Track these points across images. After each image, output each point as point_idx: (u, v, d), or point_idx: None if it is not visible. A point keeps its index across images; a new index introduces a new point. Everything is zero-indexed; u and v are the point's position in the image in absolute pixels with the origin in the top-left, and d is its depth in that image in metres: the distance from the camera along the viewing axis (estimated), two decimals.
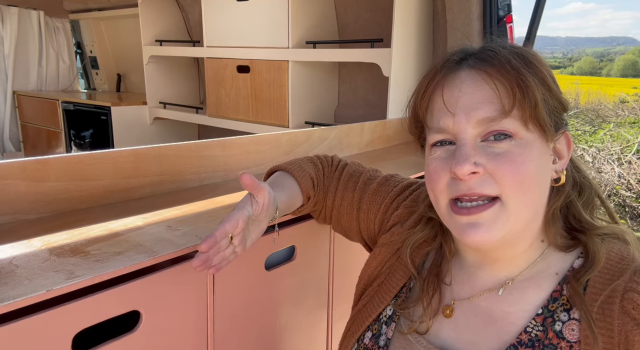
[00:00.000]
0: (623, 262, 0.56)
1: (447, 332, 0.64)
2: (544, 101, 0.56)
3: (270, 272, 0.91)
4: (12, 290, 0.57)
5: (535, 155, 0.57)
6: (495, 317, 0.61)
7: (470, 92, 0.58)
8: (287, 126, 2.24)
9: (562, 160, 0.61)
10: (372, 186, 0.85)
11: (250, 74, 2.32)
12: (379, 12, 2.14)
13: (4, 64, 3.39)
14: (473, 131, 0.57)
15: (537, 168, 0.57)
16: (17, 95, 3.47)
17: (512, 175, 0.55)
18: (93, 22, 3.78)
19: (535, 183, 0.57)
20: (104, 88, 4.01)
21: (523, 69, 0.56)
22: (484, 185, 0.56)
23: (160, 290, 0.72)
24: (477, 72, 0.58)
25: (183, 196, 1.02)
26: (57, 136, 3.23)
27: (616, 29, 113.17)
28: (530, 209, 0.58)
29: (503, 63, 0.57)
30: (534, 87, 0.55)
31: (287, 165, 0.87)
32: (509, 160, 0.56)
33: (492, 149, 0.56)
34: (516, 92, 0.55)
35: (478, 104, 0.57)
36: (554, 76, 0.59)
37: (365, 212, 0.84)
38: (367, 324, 0.72)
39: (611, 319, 0.53)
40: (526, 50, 0.59)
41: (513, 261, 0.62)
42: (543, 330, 0.57)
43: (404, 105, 0.67)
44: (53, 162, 0.88)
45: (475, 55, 0.60)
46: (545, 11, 1.66)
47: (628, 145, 5.93)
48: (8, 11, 3.33)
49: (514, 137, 0.56)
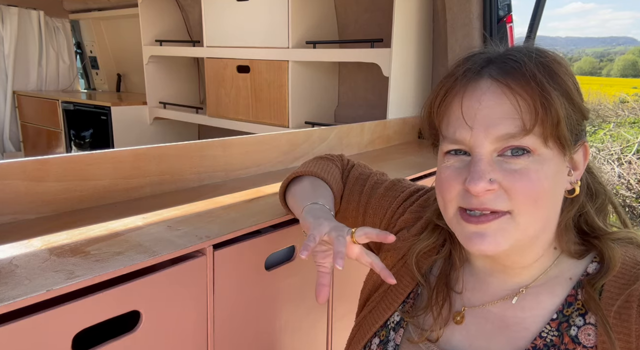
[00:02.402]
0: (638, 267, 0.56)
1: (458, 338, 0.63)
2: (567, 117, 0.54)
3: (270, 272, 0.91)
4: (12, 290, 0.57)
5: (552, 171, 0.55)
6: (507, 323, 0.60)
7: (490, 106, 0.55)
8: (287, 126, 2.24)
9: (578, 171, 0.60)
10: (379, 191, 0.83)
11: (250, 74, 2.32)
12: (379, 12, 2.14)
13: (4, 64, 3.39)
14: (490, 146, 0.55)
15: (553, 184, 0.56)
16: (17, 95, 3.47)
17: (527, 192, 0.54)
18: (93, 22, 3.78)
19: (549, 198, 0.56)
20: (104, 88, 4.00)
21: (548, 85, 0.53)
22: (497, 201, 0.55)
23: (160, 290, 0.72)
24: (498, 85, 0.55)
25: (183, 196, 1.02)
26: (57, 136, 3.23)
27: (616, 29, 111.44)
28: (540, 222, 0.57)
29: (527, 77, 0.54)
30: (558, 104, 0.53)
31: (323, 174, 0.85)
32: (525, 177, 0.54)
33: (508, 165, 0.55)
34: (539, 110, 0.53)
35: (498, 119, 0.54)
36: (578, 85, 0.57)
37: (371, 216, 0.83)
38: (374, 330, 0.71)
39: (628, 324, 0.52)
40: (552, 58, 0.56)
41: (525, 269, 0.61)
42: (558, 335, 0.56)
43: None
44: (53, 162, 0.88)
45: (497, 64, 0.57)
46: (545, 11, 1.66)
47: (628, 145, 5.93)
48: (8, 11, 3.33)
49: (532, 153, 0.54)
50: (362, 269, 1.14)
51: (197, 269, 0.77)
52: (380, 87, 2.22)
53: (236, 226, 0.83)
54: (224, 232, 0.80)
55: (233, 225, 0.83)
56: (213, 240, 0.78)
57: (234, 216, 0.89)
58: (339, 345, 1.14)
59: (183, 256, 0.74)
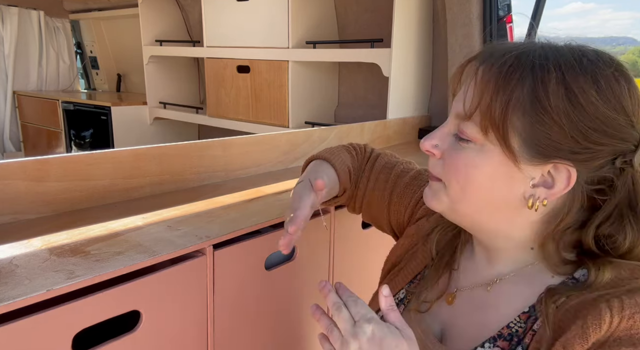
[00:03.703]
0: (619, 282, 0.54)
1: (445, 315, 0.67)
2: (530, 124, 0.52)
3: (270, 272, 0.91)
4: (12, 290, 0.57)
5: (492, 169, 0.56)
6: (485, 305, 0.63)
7: (468, 89, 0.58)
8: (287, 126, 2.24)
9: (551, 190, 0.55)
10: (405, 179, 0.86)
11: (250, 74, 2.32)
12: (379, 12, 2.13)
13: (4, 64, 3.39)
14: (454, 121, 0.60)
15: (490, 181, 0.56)
16: (17, 95, 3.47)
17: (454, 175, 0.59)
18: (93, 22, 3.78)
19: (483, 192, 0.57)
20: (104, 88, 4.00)
21: (513, 86, 0.52)
22: (435, 167, 0.62)
23: (160, 290, 0.72)
24: (485, 72, 0.56)
25: (183, 196, 1.02)
26: (57, 136, 3.23)
27: (616, 29, 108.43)
28: (472, 209, 0.60)
29: (505, 73, 0.53)
30: (515, 105, 0.52)
31: (328, 156, 0.88)
32: (455, 160, 0.59)
33: (454, 144, 0.60)
34: (486, 100, 0.54)
35: (461, 99, 0.58)
36: (602, 111, 0.51)
37: (396, 204, 0.86)
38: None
39: (564, 319, 0.52)
40: (574, 68, 0.52)
41: (503, 259, 0.63)
42: (524, 327, 0.58)
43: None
44: (53, 162, 0.88)
45: (506, 57, 0.55)
46: (545, 11, 1.66)
47: None
48: (8, 11, 3.33)
49: (475, 143, 0.57)
50: (362, 269, 1.14)
51: (197, 269, 0.77)
52: (380, 87, 2.22)
53: (236, 226, 0.83)
54: (224, 232, 0.80)
55: (233, 225, 0.83)
56: (213, 240, 0.78)
57: (234, 216, 0.89)
58: None
59: (183, 256, 0.74)
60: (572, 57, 0.53)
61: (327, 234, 1.04)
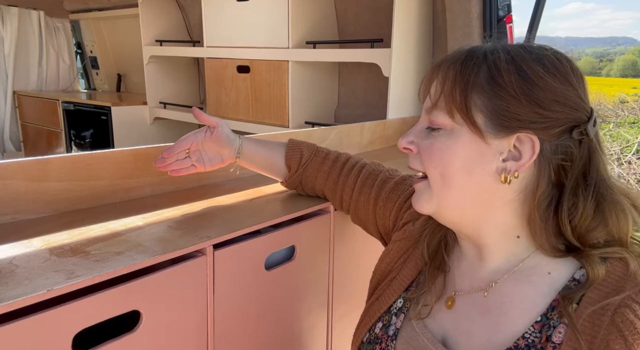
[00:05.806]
0: (624, 279, 0.55)
1: (448, 322, 0.66)
2: (488, 98, 0.58)
3: (270, 272, 0.91)
4: (12, 290, 0.57)
5: (466, 150, 0.60)
6: (489, 308, 0.63)
7: (436, 85, 0.63)
8: (287, 126, 2.24)
9: (520, 161, 0.58)
10: (389, 184, 0.89)
11: (250, 74, 2.32)
12: (379, 12, 2.14)
13: (4, 64, 3.39)
14: (426, 117, 0.64)
15: (464, 162, 0.60)
16: (18, 95, 3.47)
17: (431, 163, 0.62)
18: (93, 22, 3.78)
19: (462, 175, 0.60)
20: (104, 88, 4.00)
21: (465, 65, 0.59)
22: (415, 162, 0.65)
23: (160, 290, 0.72)
24: (445, 68, 0.62)
25: (183, 196, 1.02)
26: (58, 136, 3.22)
27: (616, 29, 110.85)
28: (455, 195, 0.62)
29: (466, 62, 0.60)
30: (470, 81, 0.58)
31: (298, 140, 1.00)
32: (429, 148, 0.62)
33: (428, 136, 0.64)
34: (447, 86, 0.60)
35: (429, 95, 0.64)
36: (538, 75, 0.57)
37: (381, 208, 0.88)
38: (379, 315, 0.76)
39: (598, 328, 0.53)
40: (514, 47, 0.60)
41: (494, 254, 0.64)
42: (539, 337, 0.58)
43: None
44: (53, 162, 0.88)
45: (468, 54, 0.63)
46: (545, 11, 1.66)
47: (628, 145, 5.93)
48: (8, 11, 3.33)
49: (445, 129, 0.61)
50: (362, 269, 1.14)
51: (197, 269, 0.77)
52: (380, 87, 2.22)
53: (236, 226, 0.83)
54: (224, 232, 0.80)
55: (233, 225, 0.83)
56: (213, 240, 0.78)
57: (234, 216, 0.89)
58: (339, 345, 1.15)
59: (183, 256, 0.74)
60: (517, 46, 0.60)
61: (327, 234, 1.04)
